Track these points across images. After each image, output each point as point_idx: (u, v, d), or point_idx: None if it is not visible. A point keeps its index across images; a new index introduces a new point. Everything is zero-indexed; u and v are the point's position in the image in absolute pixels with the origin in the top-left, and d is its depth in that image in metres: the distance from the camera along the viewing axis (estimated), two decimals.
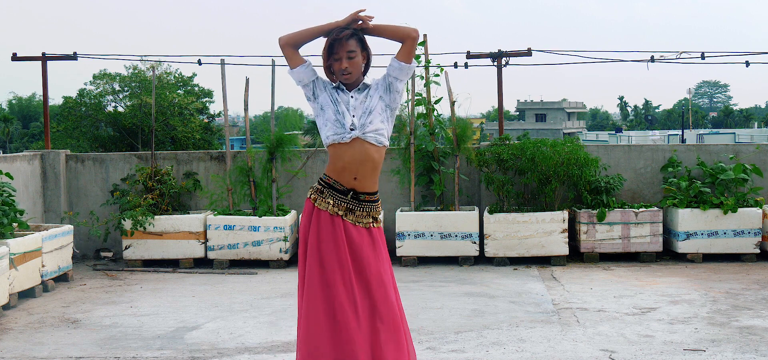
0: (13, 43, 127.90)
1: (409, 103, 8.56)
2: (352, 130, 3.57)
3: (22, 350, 5.29)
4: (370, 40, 3.72)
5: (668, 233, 8.37)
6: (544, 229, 8.07)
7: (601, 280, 7.32)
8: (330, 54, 3.58)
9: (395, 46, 3.71)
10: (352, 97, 3.63)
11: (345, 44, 3.56)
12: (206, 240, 8.38)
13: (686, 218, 8.07)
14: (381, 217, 3.87)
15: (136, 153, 9.43)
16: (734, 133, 48.69)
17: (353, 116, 3.59)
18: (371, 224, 3.66)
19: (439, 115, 8.74)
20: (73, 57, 9.67)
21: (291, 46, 3.68)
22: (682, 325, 5.57)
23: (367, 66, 3.70)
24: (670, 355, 4.85)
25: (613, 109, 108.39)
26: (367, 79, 3.72)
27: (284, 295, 6.87)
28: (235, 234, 8.24)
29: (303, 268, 3.64)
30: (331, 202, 3.59)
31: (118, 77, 32.61)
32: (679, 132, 49.13)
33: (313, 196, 3.66)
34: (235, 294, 7.00)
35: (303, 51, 3.73)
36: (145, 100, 30.09)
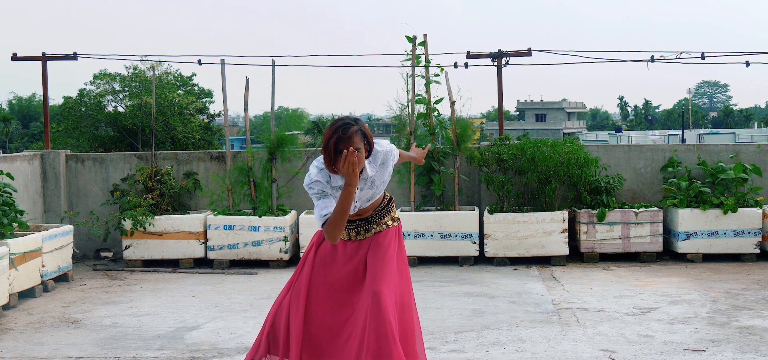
0: (13, 43, 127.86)
1: (410, 103, 8.56)
2: (354, 208, 3.70)
3: (22, 350, 5.29)
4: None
5: (668, 233, 8.38)
6: (544, 229, 8.08)
7: (601, 280, 7.32)
8: (335, 152, 3.54)
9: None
10: (358, 189, 3.66)
11: (351, 142, 3.52)
12: (206, 240, 8.39)
13: (686, 218, 8.07)
14: (397, 213, 3.92)
15: (136, 153, 9.43)
16: (734, 133, 48.69)
17: (357, 203, 3.68)
18: (381, 229, 3.77)
19: (440, 115, 8.75)
20: (73, 57, 9.67)
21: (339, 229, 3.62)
22: (682, 325, 5.57)
23: (369, 154, 3.68)
24: (670, 355, 4.85)
25: (613, 109, 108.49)
26: (370, 169, 3.68)
27: None
28: (235, 234, 8.24)
29: (298, 274, 3.81)
30: (343, 232, 3.76)
31: (118, 77, 32.61)
32: (679, 132, 49.13)
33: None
34: (235, 294, 7.00)
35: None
36: (145, 100, 30.09)
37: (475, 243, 8.17)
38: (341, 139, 3.52)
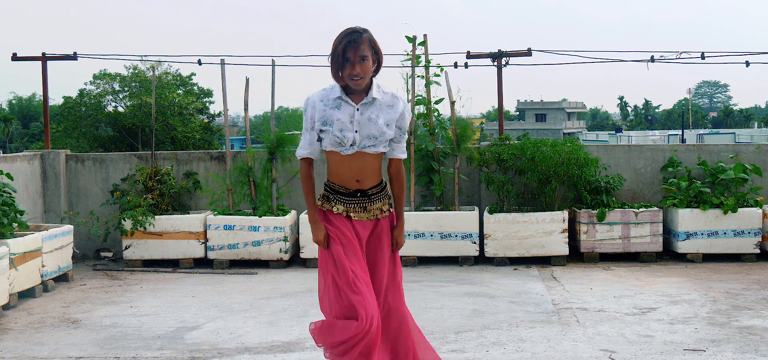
0: (13, 43, 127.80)
1: (410, 103, 8.56)
2: (352, 145, 3.58)
3: (22, 350, 5.29)
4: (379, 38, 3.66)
5: (668, 233, 8.37)
6: (544, 229, 8.07)
7: (601, 280, 7.32)
8: (344, 58, 3.47)
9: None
10: (357, 110, 3.56)
11: (358, 48, 3.46)
12: (206, 240, 8.38)
13: (686, 218, 8.07)
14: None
15: (136, 153, 9.43)
16: (734, 133, 48.70)
17: (356, 131, 3.56)
18: (380, 215, 3.73)
19: (440, 115, 8.75)
20: (73, 57, 9.67)
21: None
22: (682, 325, 5.57)
23: (378, 69, 3.61)
24: (670, 355, 4.85)
25: (613, 109, 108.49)
26: (376, 91, 3.59)
27: (284, 295, 6.87)
28: (235, 234, 8.24)
29: (327, 259, 3.66)
30: (342, 207, 3.67)
31: (118, 77, 32.60)
32: (679, 132, 49.13)
33: (322, 203, 3.75)
34: (235, 294, 7.00)
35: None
36: (145, 100, 30.08)
37: (475, 243, 8.17)
38: (350, 45, 3.45)
